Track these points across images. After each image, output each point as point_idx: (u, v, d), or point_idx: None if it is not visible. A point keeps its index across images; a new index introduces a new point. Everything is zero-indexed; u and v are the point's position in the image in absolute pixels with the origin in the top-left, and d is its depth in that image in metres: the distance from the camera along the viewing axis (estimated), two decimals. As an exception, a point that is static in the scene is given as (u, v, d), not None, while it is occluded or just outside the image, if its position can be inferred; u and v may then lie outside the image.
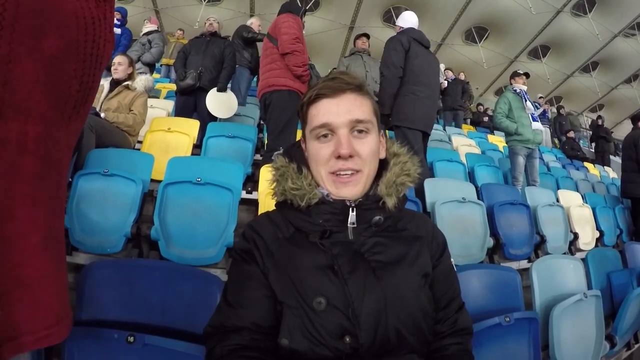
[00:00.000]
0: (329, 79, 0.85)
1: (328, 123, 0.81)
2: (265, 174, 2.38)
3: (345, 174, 0.81)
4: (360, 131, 0.83)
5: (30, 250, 0.72)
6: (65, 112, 0.81)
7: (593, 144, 9.08)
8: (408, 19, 3.43)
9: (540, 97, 8.77)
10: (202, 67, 3.97)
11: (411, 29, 3.31)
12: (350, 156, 0.80)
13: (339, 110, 0.82)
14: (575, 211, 3.53)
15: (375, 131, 0.86)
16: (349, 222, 0.82)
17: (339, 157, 0.80)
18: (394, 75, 3.07)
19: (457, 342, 0.86)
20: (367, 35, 4.79)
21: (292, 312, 0.75)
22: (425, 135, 3.23)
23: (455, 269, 0.96)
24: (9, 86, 0.67)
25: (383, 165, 0.90)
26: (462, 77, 7.90)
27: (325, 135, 0.83)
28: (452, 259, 0.95)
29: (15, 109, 0.69)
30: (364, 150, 0.82)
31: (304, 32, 3.06)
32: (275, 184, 0.88)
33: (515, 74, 4.34)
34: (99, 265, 1.20)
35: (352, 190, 0.82)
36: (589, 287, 2.09)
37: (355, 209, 0.83)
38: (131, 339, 0.98)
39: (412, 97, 3.05)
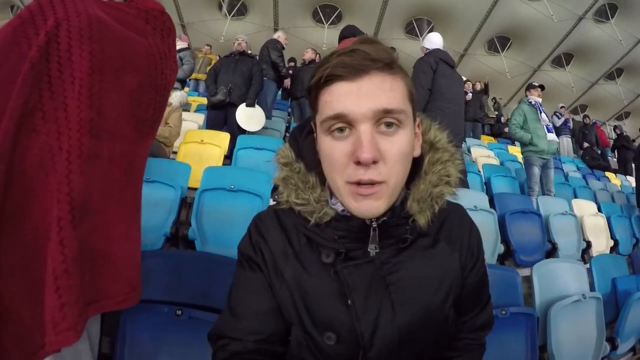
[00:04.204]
0: (346, 53, 0.60)
1: (344, 114, 0.59)
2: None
3: (366, 185, 0.61)
4: (389, 125, 0.60)
5: (117, 237, 0.94)
6: (143, 132, 1.04)
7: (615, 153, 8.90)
8: (434, 41, 3.61)
9: (562, 107, 8.67)
10: (232, 83, 4.22)
11: (438, 50, 3.49)
12: (374, 162, 0.59)
13: (359, 97, 0.59)
14: (589, 220, 3.58)
15: (409, 123, 0.64)
16: (369, 244, 0.68)
17: (358, 162, 0.59)
18: (422, 97, 3.26)
19: (472, 338, 0.83)
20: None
21: (301, 336, 0.71)
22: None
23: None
24: (102, 115, 0.90)
25: (416, 162, 0.70)
26: (478, 87, 7.89)
27: (341, 130, 0.61)
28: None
29: (106, 132, 0.92)
30: (392, 152, 0.60)
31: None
32: (279, 188, 0.73)
33: (530, 86, 4.43)
34: (149, 254, 1.38)
35: (372, 205, 0.62)
36: (592, 290, 2.16)
37: (377, 229, 0.68)
38: (179, 312, 1.17)
39: (438, 113, 3.22)
